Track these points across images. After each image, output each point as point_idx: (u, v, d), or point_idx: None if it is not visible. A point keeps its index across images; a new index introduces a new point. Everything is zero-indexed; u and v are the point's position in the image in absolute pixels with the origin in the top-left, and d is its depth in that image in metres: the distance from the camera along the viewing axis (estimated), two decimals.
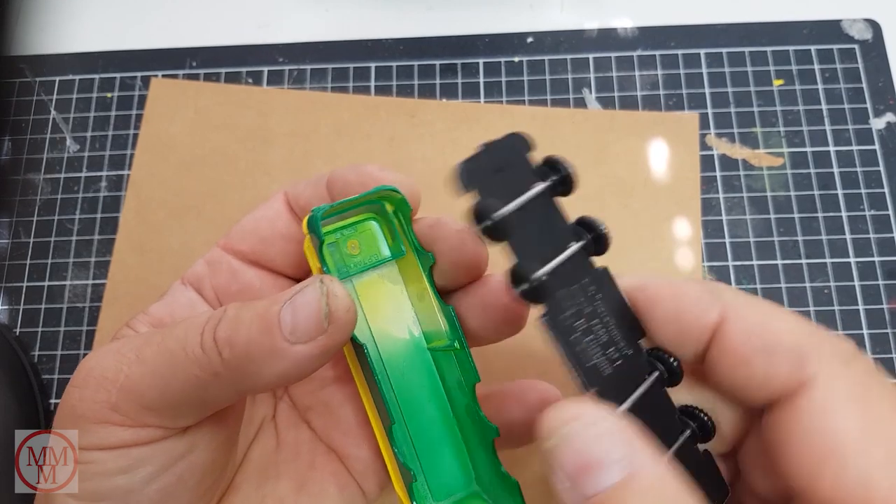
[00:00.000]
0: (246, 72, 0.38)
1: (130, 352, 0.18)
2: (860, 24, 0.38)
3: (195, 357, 0.17)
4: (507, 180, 0.17)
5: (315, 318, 0.17)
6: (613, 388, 0.17)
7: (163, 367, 0.17)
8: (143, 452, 0.18)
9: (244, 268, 0.22)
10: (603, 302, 0.17)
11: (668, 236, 0.34)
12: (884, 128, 0.36)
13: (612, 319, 0.17)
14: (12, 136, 0.38)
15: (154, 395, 0.17)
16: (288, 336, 0.17)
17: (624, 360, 0.17)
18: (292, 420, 0.23)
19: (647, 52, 0.38)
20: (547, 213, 0.17)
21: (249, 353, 0.17)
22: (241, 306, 0.18)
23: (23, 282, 0.35)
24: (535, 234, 0.17)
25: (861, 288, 0.33)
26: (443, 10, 0.40)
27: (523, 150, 0.18)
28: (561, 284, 0.17)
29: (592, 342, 0.17)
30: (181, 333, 0.18)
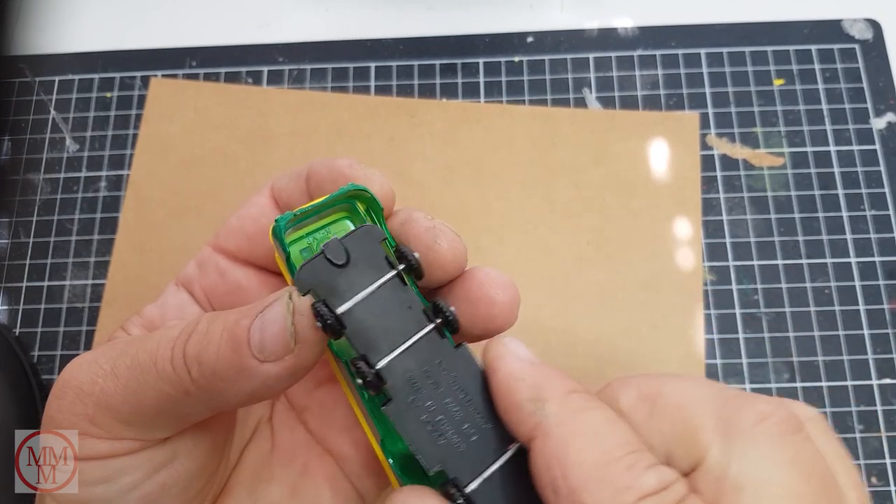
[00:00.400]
0: (245, 71, 0.38)
1: (106, 363, 0.18)
2: (861, 23, 0.38)
3: (165, 374, 0.17)
4: (355, 273, 0.18)
5: (282, 337, 0.16)
6: (468, 464, 0.17)
7: (135, 382, 0.17)
8: (123, 463, 0.18)
9: (232, 267, 0.22)
10: (459, 379, 0.17)
11: (669, 236, 0.34)
12: (884, 127, 0.36)
13: (469, 396, 0.17)
14: (12, 136, 0.38)
15: (128, 410, 0.17)
16: (257, 354, 0.16)
17: (481, 436, 0.17)
18: (289, 421, 0.22)
19: (647, 51, 0.38)
20: (399, 301, 0.18)
21: (217, 372, 0.16)
22: (213, 319, 0.17)
23: (22, 282, 0.35)
24: (383, 323, 0.17)
25: (862, 288, 0.33)
26: (443, 10, 0.40)
27: (374, 239, 0.18)
28: (409, 368, 0.17)
29: (444, 421, 0.17)
30: (153, 346, 0.17)
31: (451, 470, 0.17)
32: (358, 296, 0.17)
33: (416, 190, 0.35)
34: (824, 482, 0.15)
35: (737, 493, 0.14)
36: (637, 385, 0.17)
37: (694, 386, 0.17)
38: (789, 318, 0.33)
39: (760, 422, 0.15)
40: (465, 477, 0.17)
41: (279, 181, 0.22)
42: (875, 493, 0.31)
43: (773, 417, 0.15)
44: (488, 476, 0.17)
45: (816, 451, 0.15)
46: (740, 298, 0.33)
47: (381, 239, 0.18)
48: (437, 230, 0.19)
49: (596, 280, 0.33)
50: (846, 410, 0.32)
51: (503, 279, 0.19)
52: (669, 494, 0.14)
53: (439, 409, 0.17)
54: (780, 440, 0.15)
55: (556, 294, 0.33)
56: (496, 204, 0.35)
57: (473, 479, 0.17)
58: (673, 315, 0.33)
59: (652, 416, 0.16)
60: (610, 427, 0.16)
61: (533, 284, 0.34)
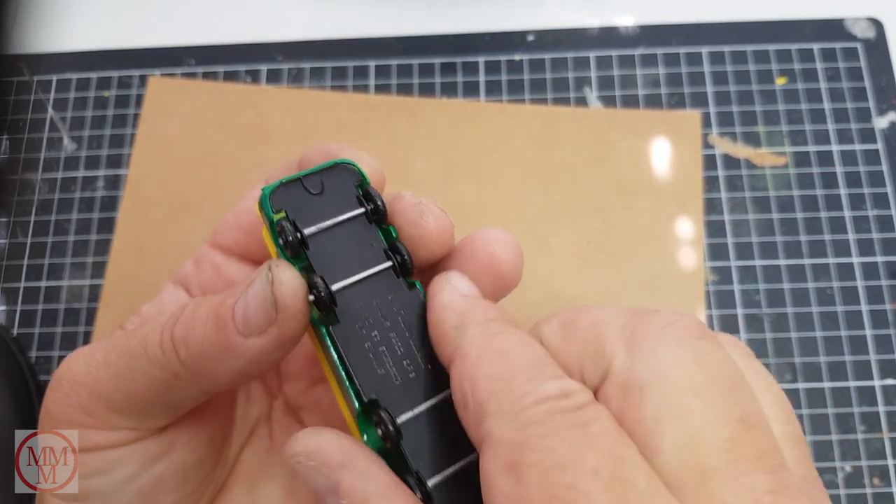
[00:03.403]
0: (244, 70, 0.38)
1: (100, 354, 0.18)
2: (863, 22, 0.38)
3: (155, 358, 0.17)
4: (326, 204, 0.19)
5: (262, 309, 0.16)
6: (401, 398, 0.17)
7: (126, 369, 0.17)
8: (119, 454, 0.18)
9: (228, 262, 0.22)
10: (407, 317, 0.18)
11: (670, 236, 0.34)
12: (887, 127, 0.36)
13: (415, 335, 0.18)
14: (9, 136, 0.38)
15: (121, 398, 0.17)
16: (241, 330, 0.16)
17: (419, 374, 0.18)
18: (286, 420, 0.22)
19: (648, 50, 0.38)
20: (362, 238, 0.19)
21: (204, 352, 0.16)
22: (200, 302, 0.17)
23: (20, 282, 0.35)
24: (343, 253, 0.18)
25: (864, 288, 0.33)
26: (443, 8, 0.39)
27: (350, 180, 0.19)
28: (361, 298, 0.18)
29: (386, 353, 0.18)
30: (144, 333, 0.17)
31: (383, 400, 0.17)
32: (325, 223, 0.18)
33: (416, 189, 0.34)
34: (732, 381, 0.15)
35: (640, 394, 0.14)
36: (559, 316, 0.17)
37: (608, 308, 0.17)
38: (791, 318, 0.33)
39: (664, 327, 0.15)
40: (397, 409, 0.17)
41: (273, 174, 0.21)
42: (877, 494, 0.30)
43: (677, 324, 0.15)
44: (419, 412, 0.17)
45: (725, 355, 0.15)
46: (742, 299, 0.33)
47: (358, 181, 0.19)
48: (424, 206, 0.19)
49: (597, 280, 0.33)
50: (848, 411, 0.32)
51: (505, 236, 0.19)
52: (569, 400, 0.14)
53: (383, 341, 0.18)
54: (685, 342, 0.15)
55: (556, 294, 0.33)
56: (496, 203, 0.35)
57: (404, 413, 0.17)
58: None
59: (567, 339, 0.16)
60: (521, 347, 0.16)
61: (533, 284, 0.33)
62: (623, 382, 0.15)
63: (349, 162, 0.19)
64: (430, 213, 0.19)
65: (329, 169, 0.19)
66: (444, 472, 0.17)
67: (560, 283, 0.33)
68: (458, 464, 0.17)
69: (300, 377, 0.23)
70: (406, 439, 0.17)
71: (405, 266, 0.18)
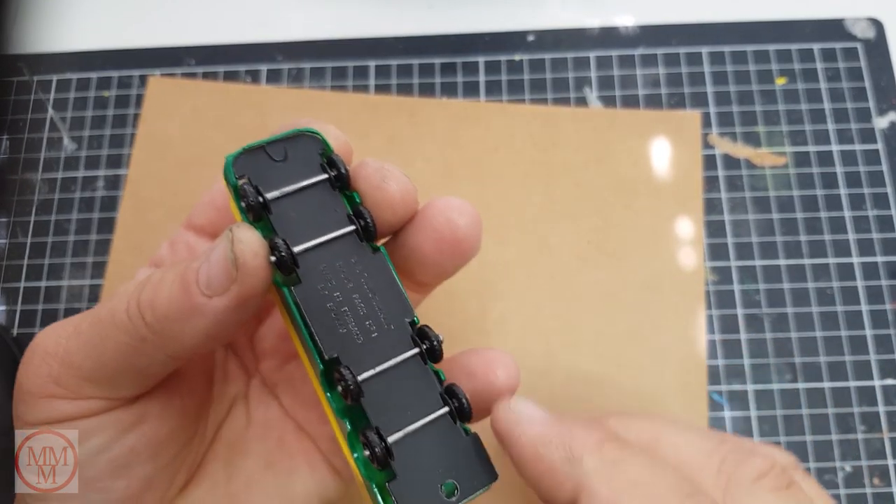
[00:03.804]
0: (244, 70, 0.38)
1: (70, 325, 0.18)
2: (863, 22, 0.38)
3: (122, 323, 0.17)
4: (289, 170, 0.19)
5: (224, 268, 0.16)
6: (363, 356, 0.18)
7: (95, 336, 0.17)
8: (89, 424, 0.18)
9: (201, 241, 0.22)
10: (370, 280, 0.18)
11: (670, 236, 0.34)
12: (887, 127, 0.36)
13: (378, 297, 0.18)
14: (9, 136, 0.38)
15: (90, 366, 0.17)
16: (204, 290, 0.16)
17: (381, 334, 0.18)
18: (263, 398, 0.23)
19: (648, 50, 0.38)
20: (326, 203, 0.19)
21: (169, 314, 0.17)
22: (167, 268, 0.18)
23: (20, 282, 0.35)
24: (306, 218, 0.18)
25: (864, 288, 0.33)
26: (443, 9, 0.39)
27: (314, 148, 0.19)
28: (324, 260, 0.18)
29: (348, 313, 0.18)
30: (113, 302, 0.18)
31: (345, 358, 0.18)
32: (288, 188, 0.18)
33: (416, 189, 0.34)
34: None
35: None
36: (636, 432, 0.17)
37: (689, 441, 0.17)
38: (791, 318, 0.33)
39: (758, 479, 0.16)
40: (359, 367, 0.18)
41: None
42: (877, 494, 0.30)
43: (769, 475, 0.17)
44: (381, 370, 0.18)
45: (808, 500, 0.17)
46: (742, 299, 0.33)
47: (321, 149, 0.19)
48: (386, 171, 0.19)
49: (597, 280, 0.33)
50: (848, 411, 0.32)
51: (462, 203, 0.20)
52: None
53: (345, 302, 0.18)
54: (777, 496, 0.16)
55: (556, 294, 0.33)
56: (496, 203, 0.35)
57: (366, 371, 0.17)
58: (674, 315, 0.33)
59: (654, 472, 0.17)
60: (651, 473, 0.16)
61: (533, 284, 0.33)
62: None
63: (312, 131, 0.19)
64: (393, 177, 0.19)
65: (293, 137, 0.19)
66: (405, 428, 0.17)
67: (560, 282, 0.33)
68: (419, 421, 0.17)
69: (274, 354, 0.23)
70: (367, 396, 0.17)
71: (368, 230, 0.19)
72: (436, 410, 0.18)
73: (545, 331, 0.33)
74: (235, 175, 0.19)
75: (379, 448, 0.17)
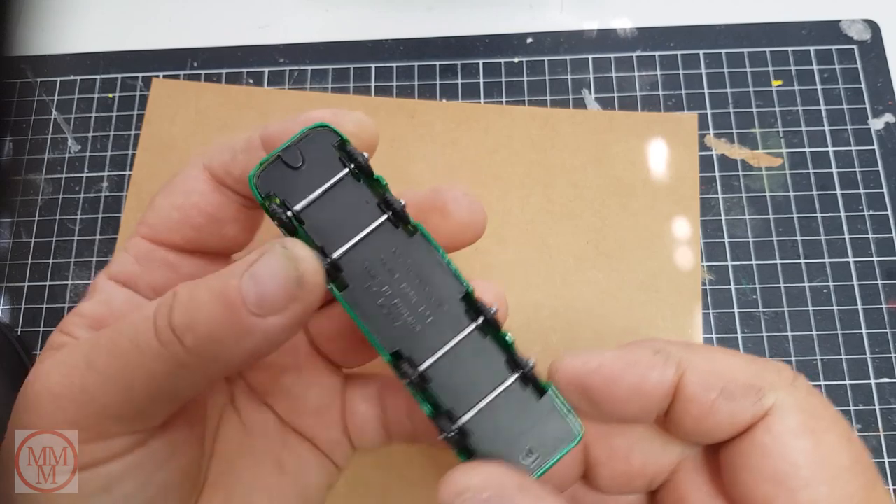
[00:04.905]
0: (247, 72, 0.39)
1: (78, 361, 0.17)
2: (859, 24, 0.38)
3: (154, 352, 0.16)
4: (310, 174, 0.19)
5: (284, 286, 0.16)
6: (424, 343, 0.18)
7: (119, 370, 0.16)
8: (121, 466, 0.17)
9: (182, 260, 0.21)
10: (414, 265, 0.18)
11: (668, 236, 0.34)
12: (882, 128, 0.36)
13: (426, 280, 0.18)
14: (14, 137, 0.38)
15: (116, 402, 0.16)
16: (255, 310, 0.16)
17: (437, 316, 0.18)
18: (253, 404, 0.22)
19: (646, 52, 0.38)
20: (353, 197, 0.19)
21: (214, 335, 0.16)
22: (193, 286, 0.17)
23: (24, 282, 0.35)
24: (338, 218, 0.18)
25: (860, 288, 0.34)
26: (443, 11, 0.40)
27: (328, 141, 0.19)
28: (365, 257, 0.18)
29: (400, 304, 0.18)
30: (130, 330, 0.16)
31: (406, 350, 0.18)
32: (313, 194, 0.18)
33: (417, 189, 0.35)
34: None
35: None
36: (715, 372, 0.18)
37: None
38: (787, 317, 0.33)
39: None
40: (421, 355, 0.18)
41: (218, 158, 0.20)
42: None
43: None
44: (443, 353, 0.18)
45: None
46: (739, 298, 0.34)
47: (335, 140, 0.19)
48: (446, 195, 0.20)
49: (595, 280, 0.34)
50: (844, 410, 0.32)
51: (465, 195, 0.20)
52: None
53: (395, 294, 0.18)
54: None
55: (555, 294, 0.34)
56: (496, 204, 0.35)
57: (428, 357, 0.18)
58: (672, 314, 0.33)
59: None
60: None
61: (532, 284, 0.34)
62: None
63: (321, 125, 0.19)
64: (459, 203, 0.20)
65: (304, 137, 0.19)
66: (476, 405, 0.18)
67: (559, 282, 0.34)
68: (489, 395, 0.18)
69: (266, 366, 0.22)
70: (436, 381, 0.18)
71: (399, 215, 0.18)
72: (504, 380, 0.18)
73: (544, 330, 0.33)
74: (260, 193, 0.18)
75: (451, 433, 0.18)
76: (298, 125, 0.19)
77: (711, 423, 0.18)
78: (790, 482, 0.16)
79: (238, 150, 0.20)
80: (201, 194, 0.20)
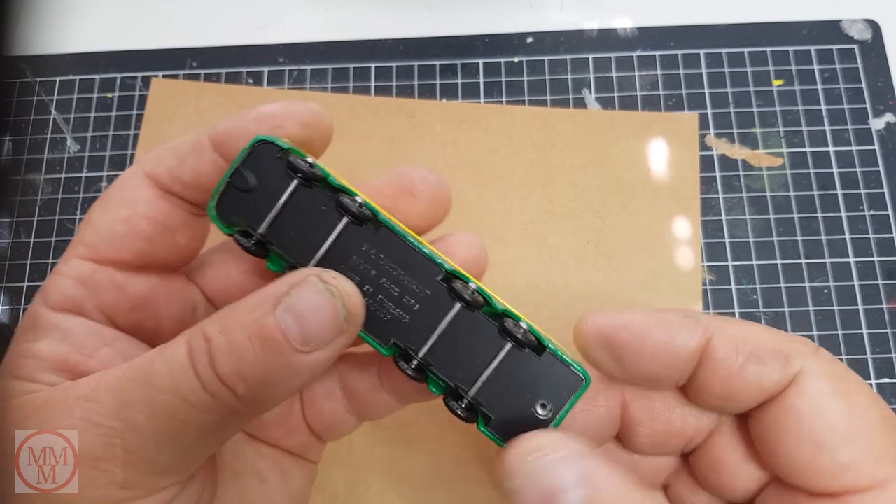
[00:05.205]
0: (246, 72, 0.39)
1: (110, 420, 0.16)
2: (860, 24, 0.38)
3: (205, 404, 0.16)
4: (262, 194, 0.18)
5: (331, 322, 0.16)
6: (416, 332, 0.18)
7: (166, 426, 0.16)
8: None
9: (130, 278, 0.19)
10: (388, 258, 0.19)
11: (668, 236, 0.34)
12: (883, 128, 0.36)
13: (403, 270, 0.19)
14: (13, 137, 0.38)
15: (167, 457, 0.16)
16: (300, 347, 0.16)
17: (422, 303, 0.19)
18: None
19: (646, 52, 0.38)
20: (311, 205, 0.19)
21: (266, 379, 0.16)
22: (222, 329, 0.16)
23: (24, 282, 0.35)
24: (303, 229, 0.18)
25: (860, 288, 0.34)
26: (443, 11, 0.40)
27: (272, 154, 0.19)
28: (340, 262, 0.18)
29: (385, 300, 0.18)
30: (169, 384, 0.16)
31: (402, 341, 0.18)
32: (272, 211, 0.18)
33: None
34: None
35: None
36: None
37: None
38: (788, 317, 0.33)
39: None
40: (418, 343, 0.18)
41: (163, 164, 0.19)
42: None
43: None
44: (437, 338, 0.18)
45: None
46: (739, 298, 0.34)
47: (278, 152, 0.19)
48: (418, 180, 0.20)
49: (595, 280, 0.34)
50: None
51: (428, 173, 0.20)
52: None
53: (378, 290, 0.18)
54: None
55: (555, 294, 0.33)
56: (496, 204, 0.35)
57: (424, 344, 0.18)
58: None
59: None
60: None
61: (532, 284, 0.34)
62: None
63: (260, 139, 0.19)
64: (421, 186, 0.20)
65: (247, 157, 0.19)
66: (480, 377, 0.18)
67: (559, 282, 0.34)
68: (490, 365, 0.18)
69: None
70: (436, 364, 0.18)
71: (358, 216, 0.18)
72: (501, 349, 0.19)
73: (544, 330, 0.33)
74: (223, 224, 0.18)
75: (460, 410, 0.18)
76: (248, 122, 0.19)
77: (739, 386, 0.18)
78: (829, 442, 0.17)
79: (186, 154, 0.19)
80: (148, 203, 0.19)
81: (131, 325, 0.19)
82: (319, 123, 0.19)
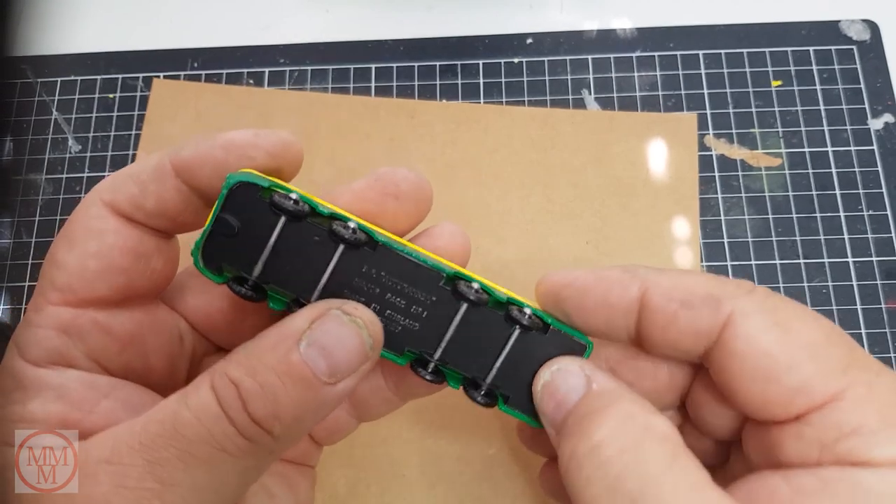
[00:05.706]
0: (247, 73, 0.39)
1: (144, 482, 0.16)
2: (858, 24, 0.38)
3: (244, 450, 0.16)
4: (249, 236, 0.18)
5: (359, 352, 0.17)
6: (428, 337, 0.19)
7: (208, 477, 0.16)
8: None
9: (112, 317, 0.18)
10: (389, 274, 0.19)
11: (667, 236, 0.34)
12: (882, 128, 0.36)
13: (405, 282, 0.19)
14: (14, 137, 0.38)
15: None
16: (328, 380, 0.16)
17: (429, 309, 0.19)
18: None
19: (646, 53, 0.38)
20: (302, 239, 0.18)
21: (300, 417, 0.16)
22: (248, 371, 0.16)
23: (25, 282, 0.35)
24: (299, 264, 0.18)
25: (859, 288, 0.34)
26: (443, 11, 0.40)
27: (252, 193, 0.17)
28: (342, 287, 0.18)
29: (393, 314, 0.19)
30: (200, 434, 0.16)
31: (416, 347, 0.19)
32: (264, 253, 0.18)
33: None
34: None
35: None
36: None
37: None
38: None
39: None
40: (431, 347, 0.19)
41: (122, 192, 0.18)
42: None
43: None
44: (449, 339, 0.19)
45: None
46: None
47: (259, 191, 0.18)
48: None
49: None
50: None
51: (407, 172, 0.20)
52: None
53: (385, 306, 0.19)
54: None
55: None
56: (496, 204, 0.35)
57: (438, 347, 0.19)
58: None
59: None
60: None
61: (532, 284, 0.34)
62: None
63: (237, 180, 0.17)
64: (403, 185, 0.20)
65: (227, 200, 0.17)
66: (494, 365, 0.19)
67: None
68: (502, 353, 0.19)
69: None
70: (452, 362, 0.19)
71: (353, 244, 0.18)
72: (510, 336, 0.19)
73: None
74: (213, 273, 0.18)
75: (480, 397, 0.19)
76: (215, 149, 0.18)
77: (675, 333, 0.18)
78: (771, 373, 0.17)
79: (147, 181, 0.18)
80: (116, 232, 0.18)
81: (122, 367, 0.19)
82: (288, 153, 0.18)
